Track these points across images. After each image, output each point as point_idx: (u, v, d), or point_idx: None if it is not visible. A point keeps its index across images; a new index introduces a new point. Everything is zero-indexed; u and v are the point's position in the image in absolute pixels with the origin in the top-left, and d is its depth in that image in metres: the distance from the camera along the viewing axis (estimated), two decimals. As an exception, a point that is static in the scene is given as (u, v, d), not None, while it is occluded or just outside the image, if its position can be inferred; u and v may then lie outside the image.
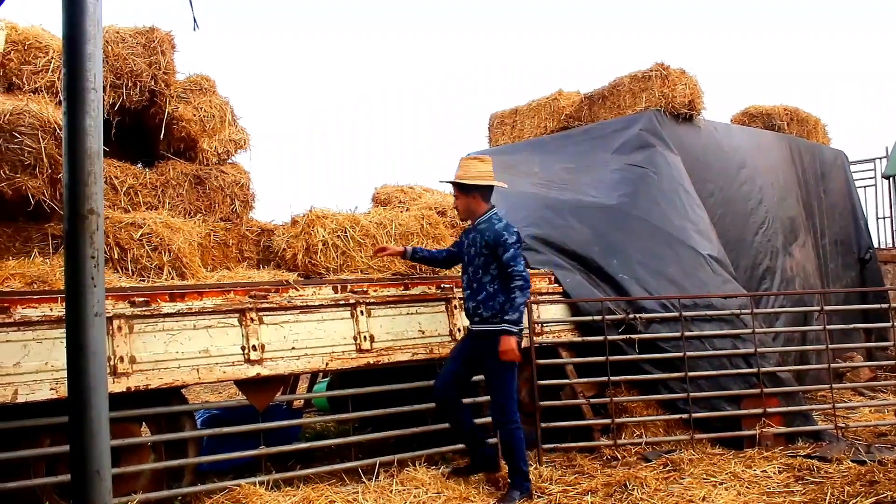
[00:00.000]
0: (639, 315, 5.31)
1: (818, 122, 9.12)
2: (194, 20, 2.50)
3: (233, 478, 4.31)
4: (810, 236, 7.92)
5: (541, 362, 5.03)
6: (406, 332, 4.70)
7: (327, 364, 4.41)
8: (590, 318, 5.28)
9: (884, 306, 5.79)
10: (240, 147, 5.74)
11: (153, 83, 5.31)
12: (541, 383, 4.99)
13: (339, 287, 4.53)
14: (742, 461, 4.65)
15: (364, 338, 4.51)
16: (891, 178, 10.34)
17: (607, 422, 5.08)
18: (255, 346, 4.13)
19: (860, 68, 26.32)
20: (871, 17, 25.29)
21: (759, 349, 5.26)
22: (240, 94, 26.00)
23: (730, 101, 28.17)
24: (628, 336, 5.22)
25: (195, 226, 4.94)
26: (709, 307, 5.52)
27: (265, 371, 4.16)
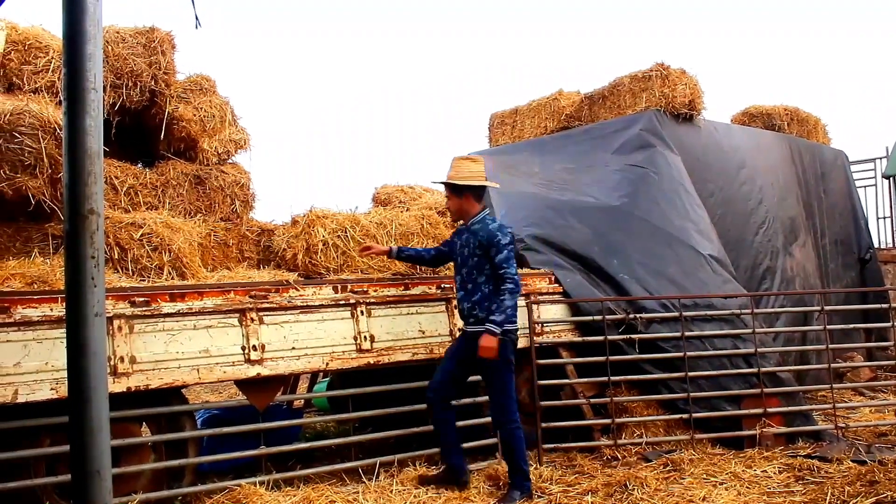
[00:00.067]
0: (639, 315, 5.31)
1: (818, 122, 9.11)
2: (196, 18, 2.49)
3: (233, 478, 4.32)
4: (810, 236, 7.91)
5: (541, 362, 5.03)
6: (406, 332, 4.69)
7: (327, 364, 4.41)
8: (590, 318, 5.28)
9: (884, 306, 5.80)
10: (240, 147, 5.75)
11: (153, 83, 5.32)
12: (541, 383, 5.00)
13: (339, 287, 4.53)
14: (742, 461, 4.65)
15: (364, 338, 4.50)
16: (891, 178, 10.33)
17: (607, 422, 5.08)
18: (255, 346, 4.12)
19: (860, 68, 26.36)
20: (871, 17, 25.31)
21: (759, 349, 5.25)
22: (240, 94, 26.08)
23: (730, 101, 28.21)
24: (628, 336, 5.22)
25: (195, 226, 4.94)
26: (709, 307, 5.51)
27: (265, 371, 4.16)
